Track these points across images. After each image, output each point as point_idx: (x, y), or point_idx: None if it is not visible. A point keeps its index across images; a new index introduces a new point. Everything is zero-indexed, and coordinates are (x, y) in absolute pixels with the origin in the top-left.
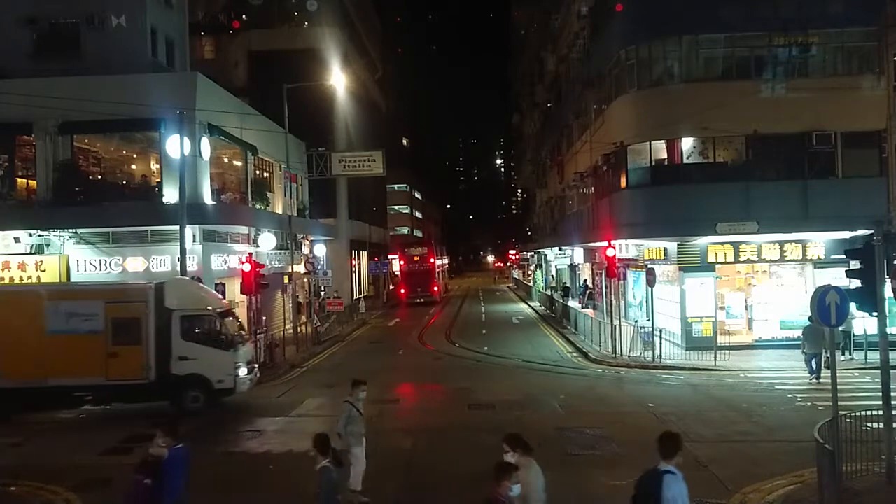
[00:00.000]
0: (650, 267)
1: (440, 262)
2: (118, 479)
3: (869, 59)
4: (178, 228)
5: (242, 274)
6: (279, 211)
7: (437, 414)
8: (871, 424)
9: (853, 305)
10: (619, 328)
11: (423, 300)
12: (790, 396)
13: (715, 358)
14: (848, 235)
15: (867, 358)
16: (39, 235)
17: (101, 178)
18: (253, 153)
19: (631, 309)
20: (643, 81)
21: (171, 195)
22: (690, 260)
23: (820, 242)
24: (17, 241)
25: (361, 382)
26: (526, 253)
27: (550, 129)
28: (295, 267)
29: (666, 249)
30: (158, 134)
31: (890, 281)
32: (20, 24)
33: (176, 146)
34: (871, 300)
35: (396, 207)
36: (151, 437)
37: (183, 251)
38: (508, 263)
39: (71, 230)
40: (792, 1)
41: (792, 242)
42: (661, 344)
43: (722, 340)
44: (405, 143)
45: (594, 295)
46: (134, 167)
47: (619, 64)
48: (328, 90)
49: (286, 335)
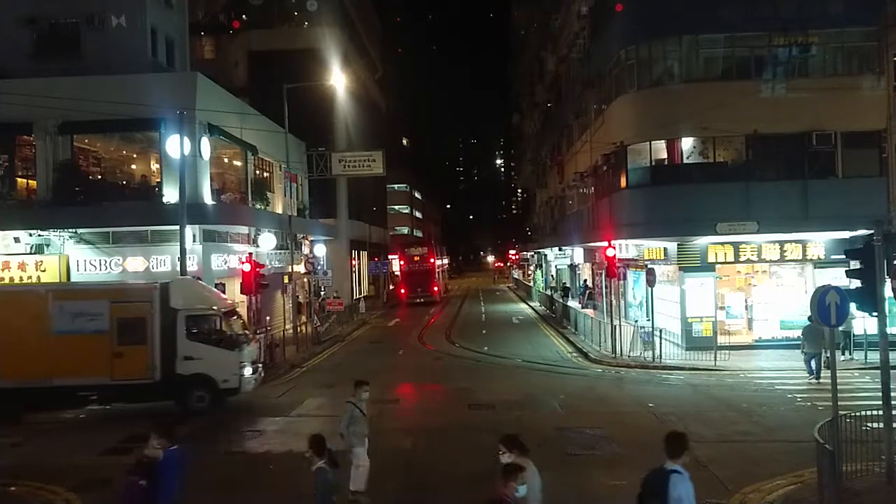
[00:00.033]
0: (650, 267)
1: (440, 262)
2: (118, 479)
3: (869, 59)
4: (178, 228)
5: (242, 274)
6: (279, 211)
7: (437, 414)
8: (871, 424)
9: (853, 305)
10: (619, 328)
11: (423, 300)
12: (790, 396)
13: (715, 358)
14: (848, 235)
15: (867, 358)
16: (39, 235)
17: (101, 178)
18: (253, 153)
19: (631, 309)
20: (643, 81)
21: (171, 195)
22: (690, 260)
23: (820, 242)
24: (17, 241)
25: (364, 383)
26: (526, 253)
27: (550, 129)
28: (295, 267)
29: (666, 249)
30: (158, 134)
31: (890, 281)
32: (20, 24)
33: (176, 146)
34: (871, 300)
35: (396, 207)
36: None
37: (183, 251)
38: (508, 263)
39: (71, 230)
40: (792, 1)
41: (792, 242)
42: (661, 344)
43: (722, 340)
44: (405, 143)
45: (594, 295)
46: (134, 167)
47: (619, 64)
48: (328, 90)
49: (286, 335)
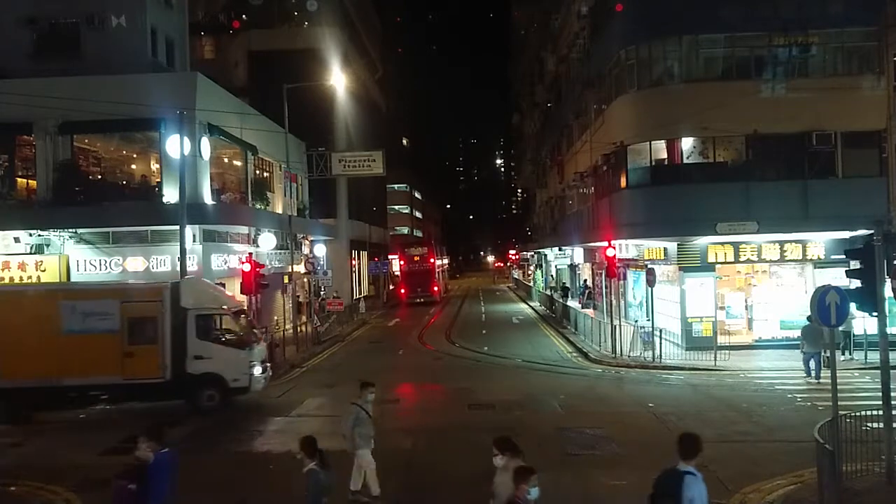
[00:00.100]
0: (650, 267)
1: (440, 261)
2: None
3: (869, 59)
4: (178, 228)
5: (242, 274)
6: (279, 211)
7: (437, 414)
8: (871, 424)
9: (853, 305)
10: (619, 328)
11: (423, 300)
12: (790, 396)
13: (715, 358)
14: (848, 235)
15: (867, 358)
16: (39, 235)
17: (101, 178)
18: (253, 153)
19: (631, 309)
20: (643, 81)
21: (171, 195)
22: (690, 260)
23: (820, 242)
24: (17, 241)
25: (370, 384)
26: (526, 253)
27: (550, 129)
28: (295, 267)
29: (666, 249)
30: (158, 134)
31: (890, 281)
32: (20, 24)
33: (176, 146)
34: (871, 300)
35: (396, 207)
36: None
37: (183, 251)
38: (508, 263)
39: (71, 230)
40: (792, 1)
41: (792, 242)
42: (661, 344)
43: (722, 340)
44: (405, 143)
45: (593, 295)
46: (134, 167)
47: (619, 64)
48: (328, 90)
49: (286, 335)
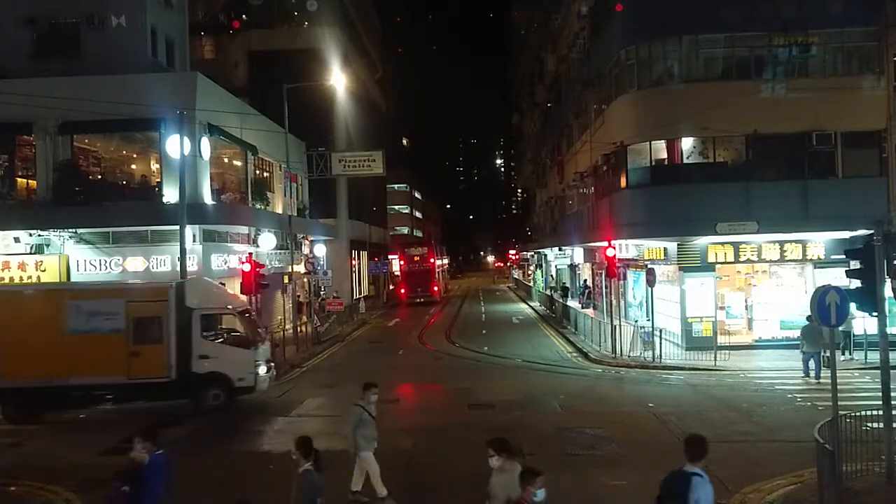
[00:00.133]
0: (650, 267)
1: (440, 261)
2: None
3: (869, 59)
4: (178, 228)
5: (242, 274)
6: (279, 211)
7: (437, 414)
8: (871, 424)
9: (853, 305)
10: (619, 328)
11: (423, 300)
12: (790, 396)
13: (715, 358)
14: (848, 235)
15: (867, 358)
16: (39, 235)
17: (101, 178)
18: (253, 153)
19: (631, 309)
20: (643, 81)
21: (171, 195)
22: (690, 260)
23: (820, 242)
24: (17, 241)
25: (373, 385)
26: (526, 253)
27: (550, 129)
28: (295, 267)
29: (666, 249)
30: (158, 134)
31: (890, 281)
32: (20, 24)
33: (176, 146)
34: (871, 300)
35: (396, 207)
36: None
37: (183, 251)
38: (508, 263)
39: (71, 230)
40: (792, 1)
41: (792, 242)
42: (661, 344)
43: (722, 340)
44: (405, 143)
45: (593, 294)
46: (134, 167)
47: (619, 64)
48: (328, 90)
49: (286, 335)
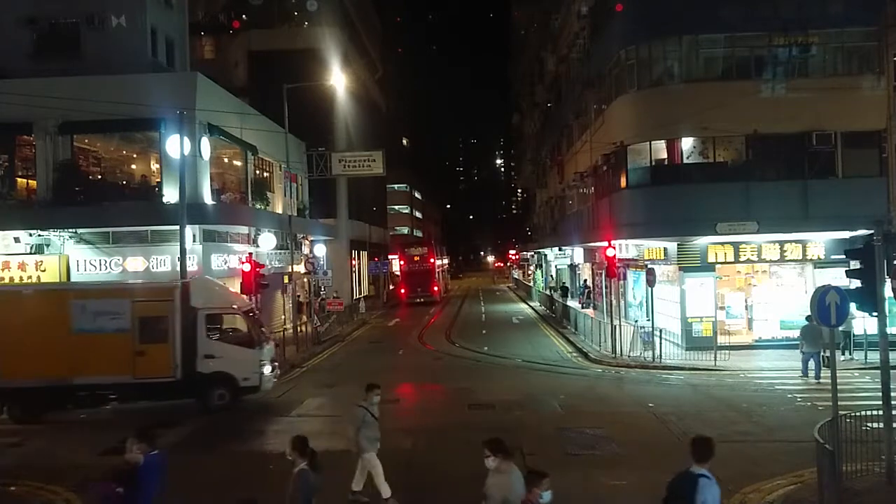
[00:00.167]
0: (650, 267)
1: (440, 261)
2: None
3: (869, 59)
4: (178, 228)
5: (242, 274)
6: (279, 211)
7: (437, 414)
8: (871, 424)
9: (853, 305)
10: (619, 328)
11: (423, 300)
12: (790, 396)
13: (715, 358)
14: (848, 235)
15: (867, 358)
16: (39, 235)
17: (101, 178)
18: (253, 153)
19: (631, 309)
20: (643, 81)
21: (171, 195)
22: (690, 260)
23: (820, 242)
24: (17, 241)
25: (375, 386)
26: (526, 253)
27: (550, 129)
28: (295, 267)
29: (666, 249)
30: (158, 134)
31: (890, 281)
32: (20, 24)
33: (176, 146)
34: (871, 300)
35: (396, 207)
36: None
37: (183, 251)
38: (508, 263)
39: (71, 230)
40: (792, 1)
41: (792, 242)
42: (661, 344)
43: (722, 340)
44: (405, 143)
45: (593, 294)
46: (134, 167)
47: (619, 64)
48: (328, 90)
49: (286, 335)
